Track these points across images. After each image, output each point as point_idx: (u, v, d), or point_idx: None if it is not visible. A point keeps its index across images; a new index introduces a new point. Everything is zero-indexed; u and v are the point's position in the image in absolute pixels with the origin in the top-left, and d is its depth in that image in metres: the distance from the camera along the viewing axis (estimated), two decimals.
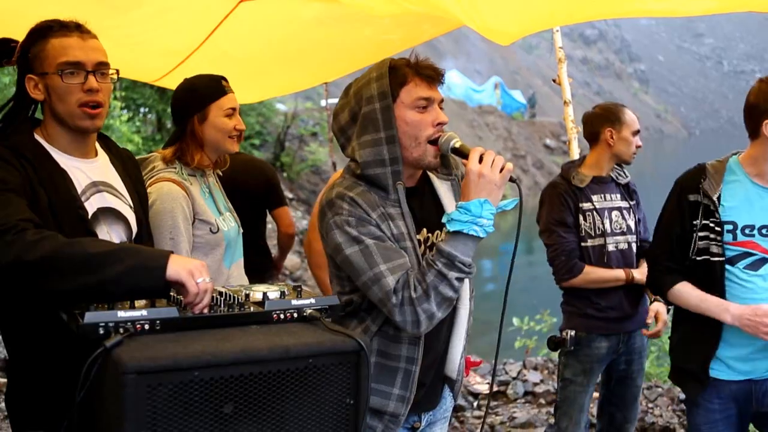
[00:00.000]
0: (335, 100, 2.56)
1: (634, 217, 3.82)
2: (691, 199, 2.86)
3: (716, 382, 2.87)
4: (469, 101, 33.72)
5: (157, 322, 1.77)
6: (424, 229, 2.38)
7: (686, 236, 2.87)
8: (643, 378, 3.96)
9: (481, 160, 2.18)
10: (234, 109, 2.97)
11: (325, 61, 4.59)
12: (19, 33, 3.14)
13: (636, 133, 3.76)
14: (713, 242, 2.81)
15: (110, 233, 2.22)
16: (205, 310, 1.86)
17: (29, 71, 2.20)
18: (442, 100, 2.34)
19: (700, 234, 2.83)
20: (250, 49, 4.17)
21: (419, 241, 2.35)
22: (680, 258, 2.90)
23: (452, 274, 2.15)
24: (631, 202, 3.84)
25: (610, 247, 3.70)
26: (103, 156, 2.37)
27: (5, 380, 5.24)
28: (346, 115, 2.35)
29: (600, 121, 3.79)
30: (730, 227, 2.80)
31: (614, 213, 3.76)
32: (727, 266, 2.81)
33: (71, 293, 1.84)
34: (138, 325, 1.74)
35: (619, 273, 3.67)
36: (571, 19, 3.32)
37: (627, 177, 3.89)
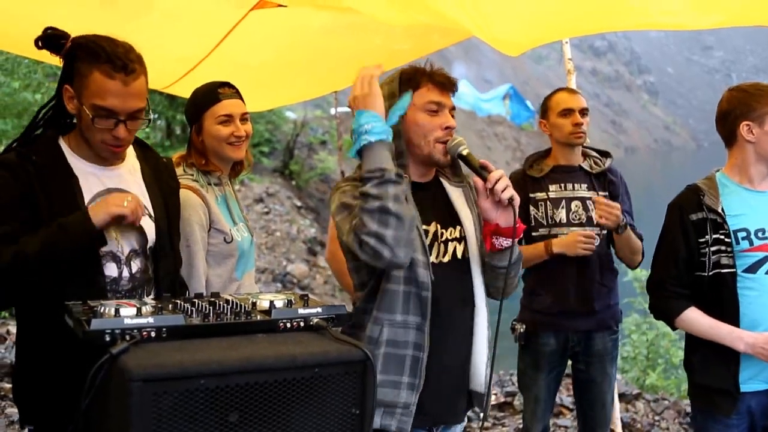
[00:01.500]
0: (345, 109, 2.67)
1: None
2: (693, 219, 2.86)
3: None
4: (479, 111, 33.76)
5: (164, 329, 1.77)
6: (435, 222, 2.46)
7: (693, 256, 2.86)
8: (612, 384, 3.87)
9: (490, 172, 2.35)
10: (229, 115, 2.93)
11: (334, 69, 4.59)
12: (24, 35, 3.14)
13: (567, 112, 3.64)
14: (723, 254, 2.81)
15: (120, 240, 2.25)
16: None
17: (69, 81, 2.20)
18: (453, 108, 2.48)
19: (713, 249, 2.82)
20: (261, 57, 4.17)
21: (426, 231, 2.43)
22: (687, 280, 2.89)
23: (367, 188, 2.21)
24: (602, 193, 3.68)
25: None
26: (130, 163, 2.38)
27: (9, 385, 5.24)
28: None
29: (540, 115, 3.84)
30: (744, 234, 2.81)
31: (574, 203, 3.66)
32: (747, 275, 2.80)
33: (40, 286, 2.11)
34: (144, 333, 1.74)
35: (538, 246, 3.60)
36: (580, 30, 3.32)
37: (602, 166, 3.74)
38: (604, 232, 3.68)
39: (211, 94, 2.96)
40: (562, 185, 3.68)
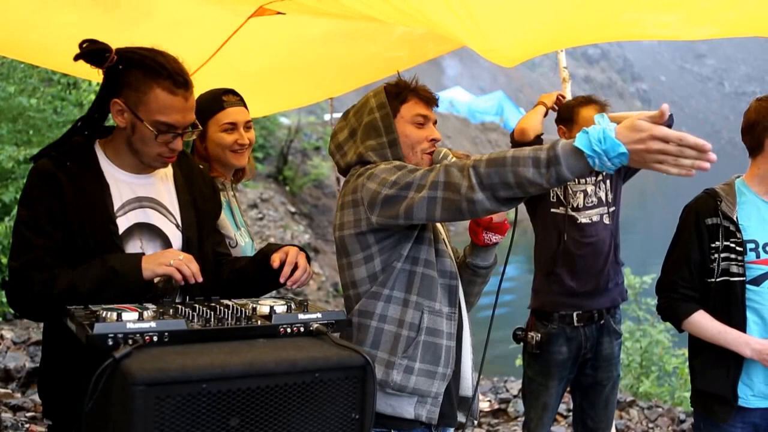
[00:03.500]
0: (339, 115, 2.71)
1: (605, 187, 3.84)
2: (708, 223, 2.87)
3: (741, 408, 2.85)
4: (472, 118, 33.79)
5: (166, 334, 1.78)
6: None
7: (705, 261, 2.88)
8: (617, 388, 3.98)
9: None
10: (233, 123, 2.96)
11: (331, 76, 4.62)
12: (23, 40, 3.10)
13: None
14: (733, 262, 2.82)
15: (144, 248, 2.25)
16: (199, 279, 2.13)
17: (117, 94, 2.20)
18: (435, 121, 2.58)
19: (722, 255, 2.84)
20: (258, 64, 4.19)
21: None
22: (698, 284, 2.90)
23: (538, 175, 1.97)
24: (603, 173, 3.85)
25: (584, 219, 3.76)
26: (164, 172, 2.38)
27: (4, 390, 5.25)
28: (345, 133, 2.57)
29: (558, 118, 3.90)
30: (753, 245, 2.82)
31: (589, 189, 3.81)
32: (752, 287, 2.82)
33: None
34: (147, 337, 1.75)
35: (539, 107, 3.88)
36: (574, 42, 3.35)
37: None
38: (612, 209, 3.83)
39: (216, 101, 2.97)
40: (576, 180, 3.76)
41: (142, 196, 2.29)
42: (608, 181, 3.86)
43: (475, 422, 2.72)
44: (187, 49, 3.85)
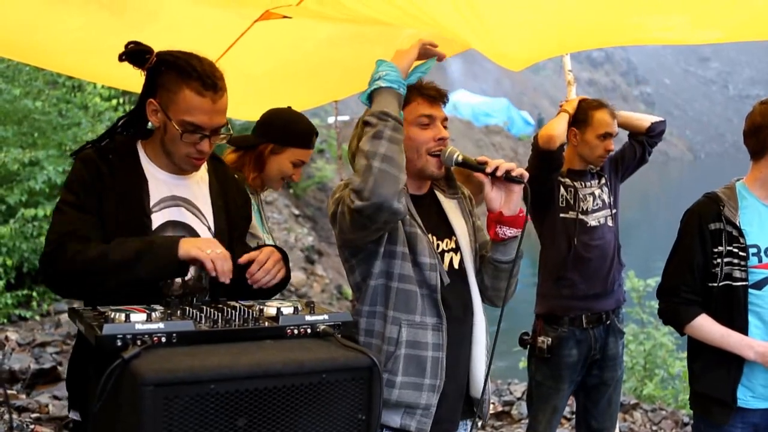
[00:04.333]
0: (344, 118, 2.74)
1: (608, 190, 3.90)
2: (712, 228, 2.87)
3: (741, 409, 2.86)
4: (476, 121, 33.79)
5: (174, 335, 1.80)
6: (430, 234, 2.50)
7: (708, 265, 2.89)
8: (620, 387, 4.02)
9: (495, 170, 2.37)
10: (302, 162, 3.13)
11: (336, 79, 4.62)
12: (30, 43, 3.10)
13: (605, 136, 3.76)
14: (736, 267, 2.83)
15: None
16: (226, 280, 2.11)
17: (152, 94, 2.26)
18: (445, 119, 2.53)
19: (725, 260, 2.84)
20: (264, 67, 4.20)
21: None
22: (701, 288, 2.91)
23: (367, 129, 2.31)
24: (605, 176, 3.92)
25: (592, 222, 3.79)
26: (199, 175, 2.43)
27: (9, 392, 5.26)
28: (355, 141, 2.52)
29: (571, 120, 3.88)
30: (755, 250, 2.83)
31: (597, 192, 3.86)
32: (754, 291, 2.83)
33: (112, 290, 2.12)
34: (155, 338, 1.77)
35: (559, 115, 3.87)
36: (581, 46, 3.36)
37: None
38: (614, 211, 3.88)
39: (309, 138, 3.15)
40: (581, 183, 3.85)
41: (177, 196, 2.34)
42: (609, 184, 3.91)
43: (479, 424, 2.72)
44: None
